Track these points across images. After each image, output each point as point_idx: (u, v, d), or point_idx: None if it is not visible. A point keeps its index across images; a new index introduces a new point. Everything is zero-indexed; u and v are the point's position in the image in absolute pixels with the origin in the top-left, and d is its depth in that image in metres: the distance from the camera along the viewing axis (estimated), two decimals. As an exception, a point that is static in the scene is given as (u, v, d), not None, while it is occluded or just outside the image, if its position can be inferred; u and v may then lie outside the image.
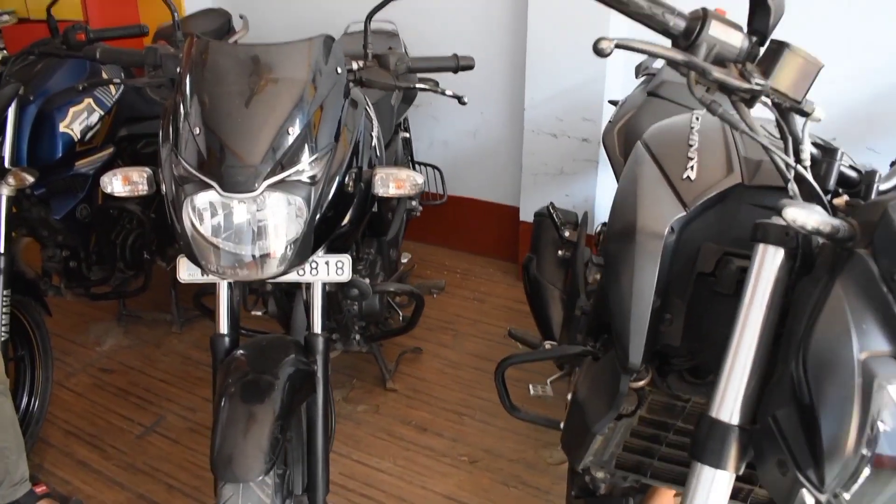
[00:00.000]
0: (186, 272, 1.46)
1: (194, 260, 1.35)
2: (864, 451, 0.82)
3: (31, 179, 1.89)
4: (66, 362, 2.68)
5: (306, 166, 1.33)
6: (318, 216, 1.36)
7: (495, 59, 2.94)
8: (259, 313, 2.15)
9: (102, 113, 2.15)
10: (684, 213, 1.12)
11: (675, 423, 1.20)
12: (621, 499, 1.43)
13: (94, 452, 2.26)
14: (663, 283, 1.11)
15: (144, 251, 2.48)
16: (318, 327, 1.56)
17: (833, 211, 0.96)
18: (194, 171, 1.28)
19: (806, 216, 0.82)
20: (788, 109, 0.93)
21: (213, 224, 1.28)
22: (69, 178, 2.11)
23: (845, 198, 0.98)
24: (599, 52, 0.82)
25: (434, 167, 3.02)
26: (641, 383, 1.17)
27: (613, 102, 2.27)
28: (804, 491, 0.86)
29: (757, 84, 0.88)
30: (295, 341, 1.56)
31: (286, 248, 1.35)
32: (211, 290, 1.77)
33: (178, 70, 1.45)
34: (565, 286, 2.16)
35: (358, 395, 2.49)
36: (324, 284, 1.61)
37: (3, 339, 1.94)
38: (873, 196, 1.00)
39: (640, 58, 2.28)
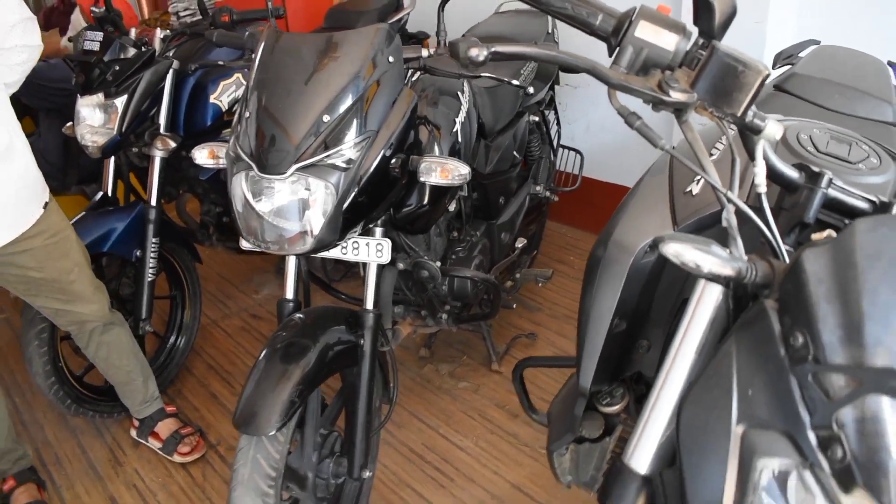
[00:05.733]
0: (246, 242, 1.59)
1: (243, 234, 1.47)
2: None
3: (173, 145, 2.16)
4: (227, 305, 3.04)
5: (344, 150, 1.38)
6: (349, 199, 1.41)
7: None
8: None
9: (248, 87, 2.37)
10: (671, 232, 1.01)
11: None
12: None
13: (225, 388, 2.56)
14: (632, 305, 1.01)
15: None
16: (369, 303, 1.63)
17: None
18: (240, 151, 1.39)
19: (694, 254, 0.70)
20: (739, 126, 0.79)
21: (253, 202, 1.39)
22: (215, 145, 2.37)
23: (827, 232, 0.82)
24: (471, 59, 0.77)
25: (577, 151, 2.91)
26: (615, 408, 1.08)
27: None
28: None
29: (678, 94, 0.76)
30: (350, 313, 1.65)
31: (319, 226, 1.42)
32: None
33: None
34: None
35: (463, 372, 2.54)
36: (382, 265, 1.67)
37: (149, 279, 2.26)
38: None
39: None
